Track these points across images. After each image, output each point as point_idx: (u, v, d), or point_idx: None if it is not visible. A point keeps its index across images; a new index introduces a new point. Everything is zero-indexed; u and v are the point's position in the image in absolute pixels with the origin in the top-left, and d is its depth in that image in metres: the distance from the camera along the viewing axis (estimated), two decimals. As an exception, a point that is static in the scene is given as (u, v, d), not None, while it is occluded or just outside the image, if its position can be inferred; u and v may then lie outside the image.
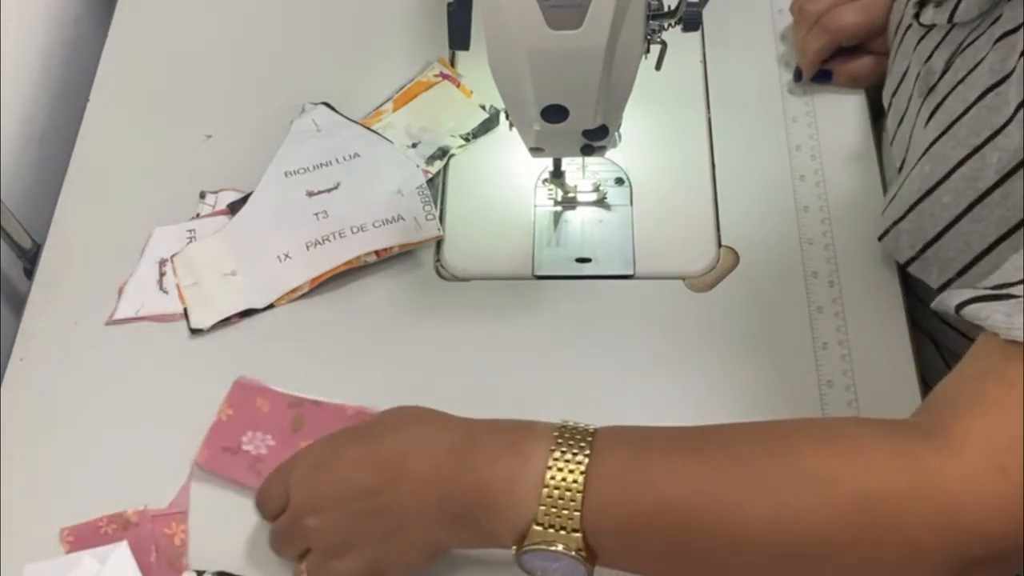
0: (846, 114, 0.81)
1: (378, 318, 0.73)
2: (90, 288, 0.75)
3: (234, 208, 0.78)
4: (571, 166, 0.77)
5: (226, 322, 0.74)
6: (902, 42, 0.73)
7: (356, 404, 0.69)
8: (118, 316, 0.74)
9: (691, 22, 0.60)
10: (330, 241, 0.75)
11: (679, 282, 0.74)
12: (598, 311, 0.73)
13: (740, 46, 0.85)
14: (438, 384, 0.69)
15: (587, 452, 0.53)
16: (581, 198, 0.78)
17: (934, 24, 0.68)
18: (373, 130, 0.81)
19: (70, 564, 0.64)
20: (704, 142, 0.80)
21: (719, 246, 0.75)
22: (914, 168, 0.65)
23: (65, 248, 0.78)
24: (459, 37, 0.58)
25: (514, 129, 0.66)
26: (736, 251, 0.75)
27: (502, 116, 0.80)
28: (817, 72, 0.81)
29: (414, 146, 0.81)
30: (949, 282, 0.63)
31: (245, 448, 0.67)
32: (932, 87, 0.66)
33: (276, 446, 0.67)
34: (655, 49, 0.62)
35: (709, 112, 0.82)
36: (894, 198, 0.68)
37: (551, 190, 0.78)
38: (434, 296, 0.75)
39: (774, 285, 0.73)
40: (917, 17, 0.70)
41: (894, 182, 0.70)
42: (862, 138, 0.80)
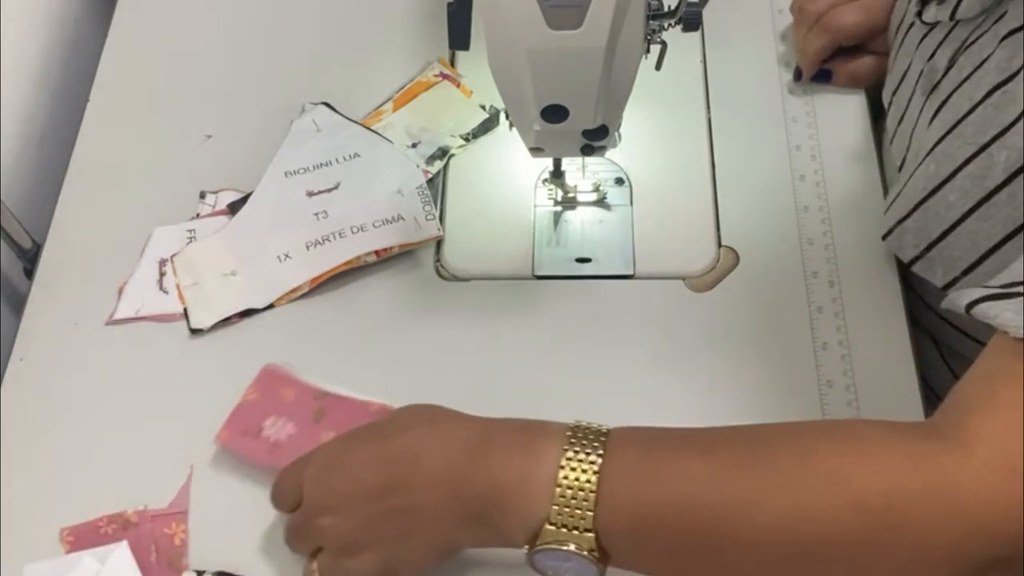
0: (846, 114, 0.81)
1: (378, 318, 0.73)
2: (90, 288, 0.75)
3: (234, 208, 0.78)
4: (571, 166, 0.77)
5: (226, 322, 0.74)
6: (904, 40, 0.73)
7: (380, 401, 0.68)
8: (118, 316, 0.74)
9: (691, 22, 0.60)
10: (330, 241, 0.75)
11: (679, 282, 0.74)
12: (598, 311, 0.73)
13: (740, 46, 0.85)
14: (438, 384, 0.68)
15: (600, 452, 0.53)
16: (581, 198, 0.78)
17: (937, 22, 0.68)
18: (373, 130, 0.81)
19: (70, 564, 0.63)
20: (704, 142, 0.80)
21: (719, 246, 0.75)
22: (919, 167, 0.65)
23: (65, 248, 0.78)
24: (459, 37, 0.58)
25: (514, 129, 0.66)
26: (736, 251, 0.75)
27: (502, 116, 0.80)
28: (817, 72, 0.81)
29: (414, 146, 0.81)
30: (954, 281, 0.62)
31: (266, 433, 0.67)
32: (935, 85, 0.66)
33: (296, 434, 0.67)
34: (655, 49, 0.62)
35: (709, 112, 0.82)
36: (897, 197, 0.67)
37: (551, 190, 0.78)
38: (434, 296, 0.75)
39: (774, 285, 0.73)
40: (919, 15, 0.70)
41: (896, 181, 0.70)
42: (862, 138, 0.80)
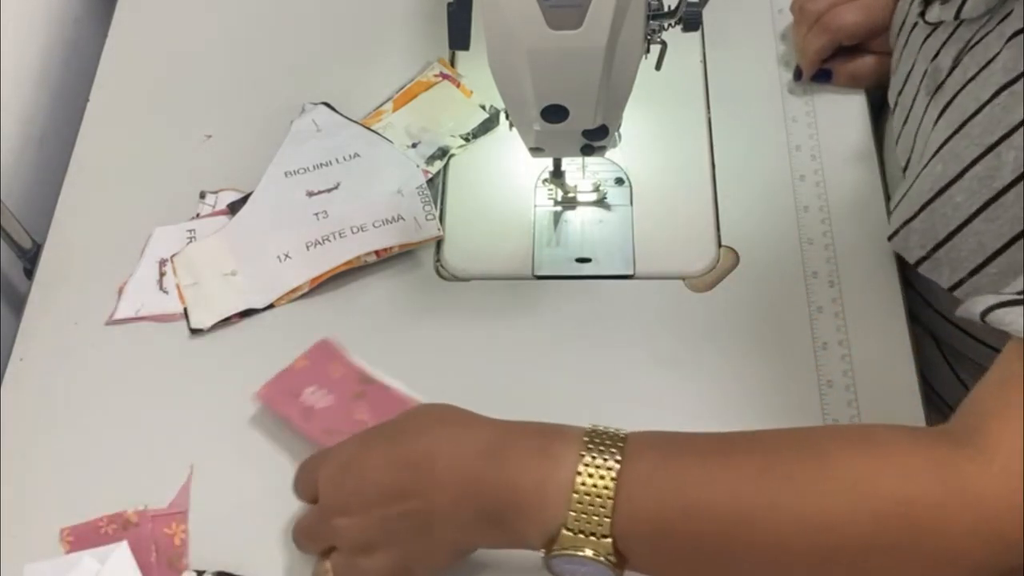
0: (846, 114, 0.81)
1: (378, 318, 0.73)
2: (90, 288, 0.75)
3: (234, 208, 0.78)
4: (571, 166, 0.77)
5: (226, 322, 0.74)
6: (908, 41, 0.73)
7: (422, 399, 0.68)
8: (118, 316, 0.74)
9: (691, 22, 0.60)
10: (330, 241, 0.75)
11: (679, 282, 0.74)
12: (598, 311, 0.73)
13: (740, 46, 0.85)
14: (438, 384, 0.68)
15: (618, 458, 0.53)
16: (581, 198, 0.78)
17: (940, 21, 0.67)
18: (373, 130, 0.81)
19: (70, 564, 0.63)
20: (704, 142, 0.80)
21: (719, 246, 0.75)
22: (925, 167, 0.65)
23: (65, 248, 0.78)
24: (459, 37, 0.58)
25: (514, 129, 0.66)
26: (736, 251, 0.75)
27: (502, 116, 0.80)
28: (817, 72, 0.81)
29: (414, 146, 0.81)
30: (960, 282, 0.62)
31: (304, 398, 0.68)
32: (940, 85, 0.66)
33: (334, 406, 0.67)
34: (655, 49, 0.62)
35: (709, 112, 0.82)
36: (903, 198, 0.67)
37: (551, 190, 0.78)
38: (434, 296, 0.75)
39: (774, 285, 0.73)
40: (923, 15, 0.70)
41: (902, 182, 0.69)
42: (862, 138, 0.79)
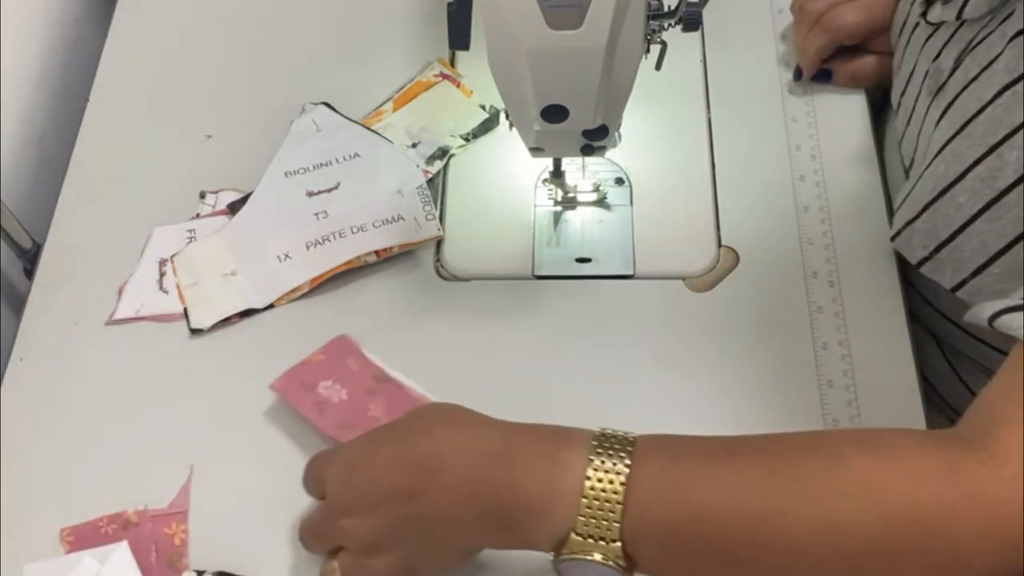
0: (846, 114, 0.81)
1: (378, 318, 0.73)
2: (90, 288, 0.75)
3: (234, 208, 0.78)
4: (571, 166, 0.77)
5: (226, 322, 0.74)
6: (909, 41, 0.73)
7: (433, 398, 0.68)
8: (118, 316, 0.74)
9: (691, 22, 0.60)
10: (330, 241, 0.75)
11: (679, 282, 0.74)
12: (598, 311, 0.73)
13: (740, 46, 0.85)
14: (438, 384, 0.69)
15: (627, 462, 0.52)
16: (581, 198, 0.78)
17: (942, 22, 0.67)
18: (373, 130, 0.81)
19: (70, 564, 0.63)
20: (704, 142, 0.80)
21: (719, 246, 0.75)
22: (927, 168, 0.65)
23: (65, 248, 0.78)
24: (459, 37, 0.58)
25: (514, 129, 0.66)
26: (736, 251, 0.75)
27: (502, 116, 0.80)
28: (817, 71, 0.81)
29: (414, 146, 0.81)
30: (963, 282, 0.62)
31: (320, 391, 0.68)
32: (942, 86, 0.66)
33: (348, 401, 0.68)
34: (655, 49, 0.62)
35: (709, 112, 0.82)
36: (906, 199, 0.67)
37: (551, 190, 0.78)
38: (434, 296, 0.75)
39: (774, 285, 0.73)
40: (924, 15, 0.70)
41: (904, 183, 0.69)
42: (862, 138, 0.79)
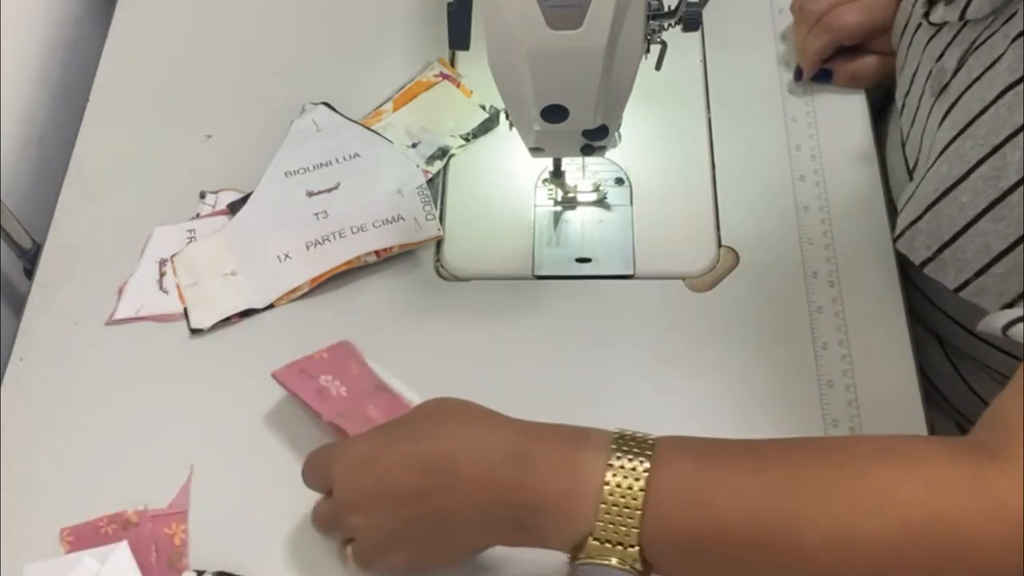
0: (846, 114, 0.81)
1: (378, 318, 0.73)
2: (90, 288, 0.75)
3: (234, 208, 0.78)
4: (571, 166, 0.77)
5: (226, 322, 0.74)
6: (912, 42, 0.73)
7: None
8: (118, 316, 0.74)
9: (691, 22, 0.60)
10: (330, 241, 0.75)
11: (679, 282, 0.74)
12: (598, 311, 0.73)
13: (740, 46, 0.85)
14: (438, 384, 0.68)
15: (647, 465, 0.52)
16: (581, 198, 0.78)
17: (945, 22, 0.67)
18: (373, 130, 0.81)
19: (70, 564, 0.63)
20: (704, 142, 0.80)
21: (719, 246, 0.75)
22: (930, 168, 0.65)
23: (65, 248, 0.78)
24: (459, 37, 0.58)
25: (514, 129, 0.66)
26: (736, 251, 0.75)
27: (502, 116, 0.80)
28: (818, 72, 0.81)
29: (414, 146, 0.81)
30: (966, 283, 0.62)
31: (320, 382, 0.68)
32: (944, 86, 0.66)
33: (347, 397, 0.67)
34: (655, 49, 0.62)
35: (709, 112, 0.82)
36: (910, 199, 0.67)
37: (551, 190, 0.78)
38: (434, 296, 0.75)
39: (774, 285, 0.73)
40: (927, 16, 0.70)
41: (908, 184, 0.69)
42: (862, 138, 0.79)
